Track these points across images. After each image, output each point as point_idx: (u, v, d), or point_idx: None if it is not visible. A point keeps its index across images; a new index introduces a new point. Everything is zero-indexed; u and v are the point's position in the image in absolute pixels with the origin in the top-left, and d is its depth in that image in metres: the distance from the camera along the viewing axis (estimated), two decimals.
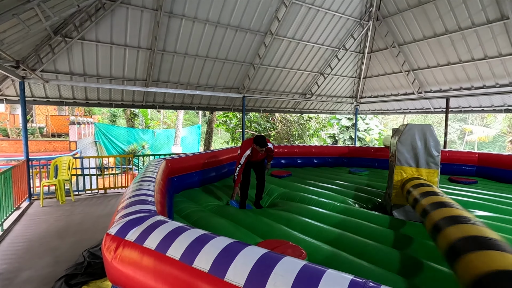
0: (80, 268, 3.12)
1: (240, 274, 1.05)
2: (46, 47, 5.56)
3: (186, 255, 1.20)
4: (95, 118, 19.98)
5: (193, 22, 6.31)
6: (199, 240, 1.27)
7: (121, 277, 1.38)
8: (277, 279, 0.98)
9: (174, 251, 1.24)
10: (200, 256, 1.17)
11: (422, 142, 3.42)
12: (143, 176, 2.90)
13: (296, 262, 1.06)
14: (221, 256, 1.14)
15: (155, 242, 1.32)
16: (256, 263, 1.08)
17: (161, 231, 1.38)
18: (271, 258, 1.09)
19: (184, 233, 1.34)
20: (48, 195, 6.28)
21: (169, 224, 1.45)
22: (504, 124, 21.04)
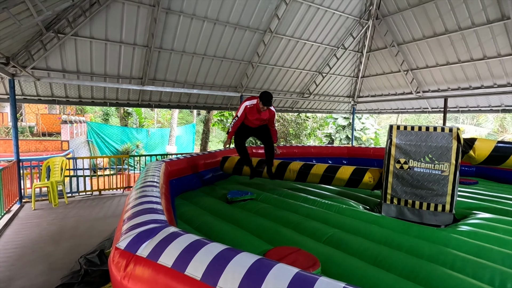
0: (77, 276, 2.96)
1: None
2: (38, 43, 5.33)
3: (208, 273, 1.08)
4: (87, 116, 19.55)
5: (191, 19, 6.14)
6: (221, 256, 1.14)
7: None
8: None
9: (194, 270, 1.11)
10: (224, 275, 1.05)
11: None
12: (145, 180, 2.75)
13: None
14: (248, 275, 1.02)
15: (171, 259, 1.19)
16: (290, 283, 0.96)
17: (177, 246, 1.25)
18: (305, 278, 0.98)
19: (204, 247, 1.21)
20: (40, 197, 6.05)
21: (185, 237, 1.32)
22: (496, 124, 21.39)
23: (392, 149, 3.60)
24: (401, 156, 3.56)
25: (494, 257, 2.39)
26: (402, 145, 3.55)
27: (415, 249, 2.50)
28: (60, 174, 5.84)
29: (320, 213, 3.47)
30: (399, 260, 2.29)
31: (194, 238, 1.31)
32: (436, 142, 3.38)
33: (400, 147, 3.56)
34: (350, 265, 2.24)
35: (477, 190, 4.95)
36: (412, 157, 3.49)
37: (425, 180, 3.41)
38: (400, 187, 3.58)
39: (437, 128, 3.46)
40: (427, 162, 3.42)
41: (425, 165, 3.42)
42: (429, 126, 3.51)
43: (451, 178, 3.30)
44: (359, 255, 2.44)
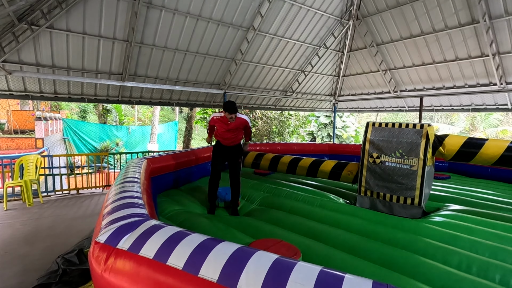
0: (54, 276, 2.86)
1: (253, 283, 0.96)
2: (9, 35, 5.07)
3: (190, 263, 1.09)
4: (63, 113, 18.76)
5: (174, 14, 6.05)
6: (203, 246, 1.16)
7: None
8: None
9: (176, 260, 1.13)
10: (207, 264, 1.07)
11: None
12: (125, 176, 2.71)
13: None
14: (229, 264, 1.04)
15: (153, 251, 1.20)
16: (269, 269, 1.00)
17: (158, 238, 1.26)
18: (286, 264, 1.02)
19: (185, 238, 1.23)
20: (13, 197, 5.77)
21: (166, 229, 1.33)
22: (467, 122, 22.55)
23: (366, 144, 3.74)
24: (374, 151, 3.71)
25: (462, 244, 2.56)
26: (376, 141, 3.69)
27: (391, 239, 2.62)
28: (35, 173, 5.60)
29: (302, 207, 3.55)
30: (376, 249, 2.40)
31: (175, 229, 1.32)
32: (407, 138, 3.54)
33: (374, 143, 3.71)
34: (329, 254, 2.32)
35: (449, 184, 5.24)
36: (384, 152, 3.63)
37: (395, 174, 3.56)
38: (372, 180, 3.72)
39: (408, 125, 3.63)
40: (397, 157, 3.57)
41: (395, 160, 3.58)
42: (402, 123, 3.67)
43: (419, 173, 3.46)
44: (338, 245, 2.53)
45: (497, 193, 4.53)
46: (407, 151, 3.58)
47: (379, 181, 3.71)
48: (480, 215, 3.33)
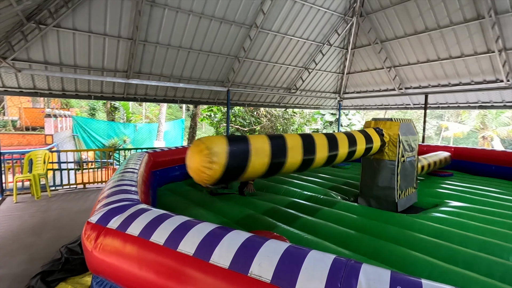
0: (58, 264, 2.99)
1: (225, 256, 1.03)
2: (18, 34, 5.25)
3: (171, 240, 1.17)
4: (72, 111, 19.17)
5: (177, 12, 6.15)
6: (183, 225, 1.24)
7: (103, 266, 1.33)
8: (262, 259, 0.97)
9: (158, 237, 1.21)
10: (185, 240, 1.15)
11: None
12: (125, 168, 2.82)
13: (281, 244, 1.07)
14: (206, 240, 1.12)
15: (138, 229, 1.28)
16: (241, 245, 1.07)
17: (144, 218, 1.34)
18: (254, 241, 1.08)
19: (168, 219, 1.31)
20: (22, 190, 5.99)
21: (152, 211, 1.41)
22: (477, 121, 22.10)
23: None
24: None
25: (453, 239, 2.57)
26: None
27: (381, 233, 2.66)
28: (43, 167, 5.79)
29: (298, 203, 3.60)
30: (365, 242, 2.44)
31: (161, 212, 1.40)
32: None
33: None
34: (319, 246, 2.37)
35: (451, 181, 5.20)
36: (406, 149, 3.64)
37: None
38: None
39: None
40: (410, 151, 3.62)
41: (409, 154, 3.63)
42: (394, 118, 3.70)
43: None
44: (329, 238, 2.58)
45: (498, 190, 4.48)
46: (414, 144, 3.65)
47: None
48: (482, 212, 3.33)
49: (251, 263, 0.98)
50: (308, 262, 0.95)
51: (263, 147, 2.02)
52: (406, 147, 3.59)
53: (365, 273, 0.88)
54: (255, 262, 0.98)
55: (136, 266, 1.20)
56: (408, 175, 3.67)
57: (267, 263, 0.96)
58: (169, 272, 1.12)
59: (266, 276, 0.93)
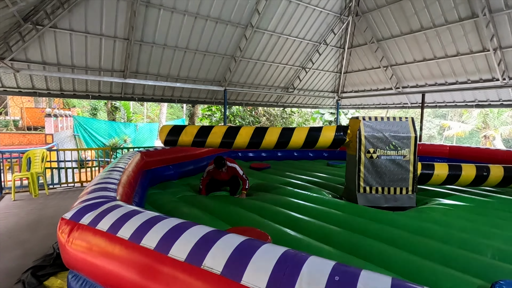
0: (49, 259, 3.07)
1: (183, 250, 1.08)
2: (16, 34, 5.34)
3: (135, 234, 1.23)
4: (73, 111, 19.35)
5: (172, 13, 6.21)
6: (149, 221, 1.29)
7: (76, 260, 1.39)
8: (216, 252, 1.02)
9: (124, 232, 1.26)
10: (148, 235, 1.20)
11: None
12: (114, 166, 2.88)
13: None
14: (167, 235, 1.17)
15: (107, 224, 1.34)
16: (201, 239, 1.12)
17: (114, 214, 1.40)
18: (213, 235, 1.13)
19: (136, 215, 1.36)
20: (21, 188, 6.09)
21: (124, 208, 1.47)
22: (479, 120, 21.95)
23: None
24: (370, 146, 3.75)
25: (434, 236, 2.61)
26: None
27: (362, 229, 2.70)
28: (41, 166, 5.88)
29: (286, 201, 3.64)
30: (344, 237, 2.48)
31: (131, 208, 1.46)
32: None
33: None
34: (299, 241, 2.42)
35: None
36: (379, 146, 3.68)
37: None
38: None
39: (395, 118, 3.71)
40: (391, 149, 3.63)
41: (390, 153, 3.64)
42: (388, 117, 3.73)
43: None
44: (311, 234, 2.62)
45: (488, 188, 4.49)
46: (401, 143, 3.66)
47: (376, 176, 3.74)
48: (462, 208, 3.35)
49: (205, 256, 1.03)
50: (258, 254, 1.00)
51: (192, 131, 3.63)
52: (380, 145, 3.63)
53: (309, 264, 0.92)
54: (209, 255, 1.03)
55: (103, 260, 1.25)
56: (387, 173, 3.66)
57: (220, 255, 1.01)
58: (134, 266, 1.17)
59: (217, 268, 0.98)
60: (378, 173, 3.64)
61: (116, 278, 1.22)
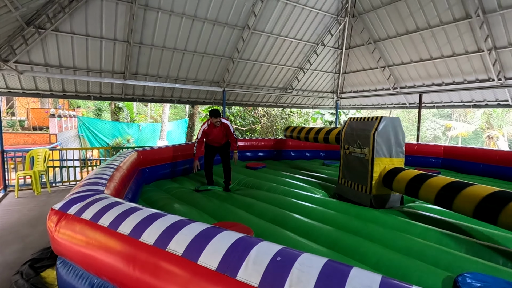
0: (46, 253, 3.22)
1: (153, 235, 1.21)
2: (19, 38, 5.53)
3: (114, 223, 1.36)
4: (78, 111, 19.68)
5: (170, 15, 6.36)
6: (128, 211, 1.42)
7: (62, 247, 1.53)
8: (180, 238, 1.14)
9: (104, 220, 1.39)
10: (125, 223, 1.33)
11: (394, 133, 3.60)
12: (109, 164, 3.03)
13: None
14: (141, 223, 1.30)
15: (90, 214, 1.47)
16: (168, 226, 1.24)
17: (98, 205, 1.53)
18: (181, 224, 1.26)
19: (116, 206, 1.49)
20: (24, 186, 6.29)
21: (107, 200, 1.60)
22: (483, 120, 21.80)
23: None
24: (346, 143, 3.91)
25: (413, 232, 2.70)
26: None
27: (345, 225, 2.80)
28: (43, 165, 6.08)
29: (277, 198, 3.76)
30: (325, 233, 2.59)
31: (114, 200, 1.59)
32: None
33: None
34: (282, 236, 2.54)
35: None
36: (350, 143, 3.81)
37: None
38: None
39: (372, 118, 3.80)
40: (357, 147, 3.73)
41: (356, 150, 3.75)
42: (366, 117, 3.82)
43: None
44: (294, 229, 2.74)
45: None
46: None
47: None
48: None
49: (170, 241, 1.15)
50: (216, 239, 1.12)
51: None
52: (350, 142, 3.80)
53: (257, 248, 1.04)
54: (174, 240, 1.15)
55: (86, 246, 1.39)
56: (351, 170, 3.82)
57: (182, 239, 1.13)
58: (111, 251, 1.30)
59: (179, 250, 1.11)
60: (348, 168, 3.90)
61: (97, 262, 1.35)
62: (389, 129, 3.59)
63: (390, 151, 3.60)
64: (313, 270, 0.89)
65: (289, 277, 0.88)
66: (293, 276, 0.88)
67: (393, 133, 3.61)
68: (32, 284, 2.68)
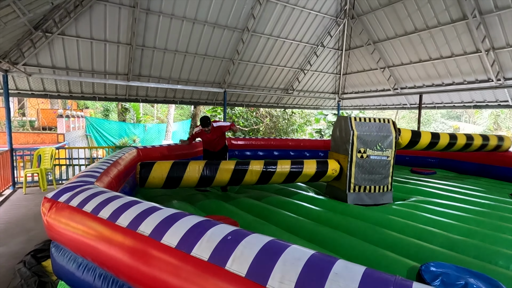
0: (48, 244, 3.43)
1: (126, 218, 1.37)
2: (28, 41, 5.82)
3: (96, 209, 1.52)
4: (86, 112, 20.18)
5: (171, 19, 6.57)
6: (110, 199, 1.58)
7: (53, 231, 1.70)
8: (149, 221, 1.30)
9: (88, 207, 1.56)
10: (104, 209, 1.49)
11: (342, 131, 3.84)
12: (107, 159, 3.21)
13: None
14: (119, 209, 1.46)
15: (77, 202, 1.64)
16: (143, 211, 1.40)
17: (85, 194, 1.70)
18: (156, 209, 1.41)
19: (102, 194, 1.66)
20: (32, 183, 6.57)
21: (95, 189, 1.77)
22: (490, 121, 21.47)
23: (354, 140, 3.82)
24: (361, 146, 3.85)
25: (394, 227, 2.80)
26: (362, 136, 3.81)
27: (328, 220, 2.92)
28: (50, 163, 6.35)
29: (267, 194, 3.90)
30: (307, 227, 2.71)
31: (99, 189, 1.75)
32: (383, 132, 3.78)
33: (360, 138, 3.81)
34: (266, 230, 2.67)
35: (430, 179, 5.32)
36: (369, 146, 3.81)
37: (377, 166, 3.79)
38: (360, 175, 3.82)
39: (380, 120, 3.86)
40: (378, 150, 3.80)
41: (377, 153, 3.80)
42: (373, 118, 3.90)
43: (392, 162, 3.77)
44: (279, 224, 2.87)
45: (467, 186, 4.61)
46: (385, 144, 3.80)
47: (365, 175, 3.83)
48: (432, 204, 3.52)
49: (141, 223, 1.31)
50: (182, 221, 1.27)
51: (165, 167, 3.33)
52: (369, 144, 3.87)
53: (213, 229, 1.19)
54: (144, 223, 1.31)
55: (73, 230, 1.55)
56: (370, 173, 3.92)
57: (150, 222, 1.29)
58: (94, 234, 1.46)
59: (147, 230, 1.26)
60: None
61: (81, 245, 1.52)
62: (336, 128, 4.04)
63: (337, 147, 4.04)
64: (255, 247, 1.03)
65: (233, 253, 1.02)
66: (237, 251, 1.02)
67: (341, 131, 3.96)
68: (33, 272, 2.89)
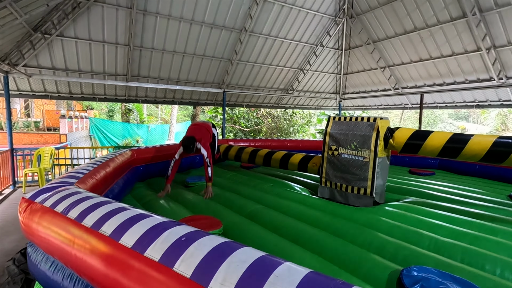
0: None
1: (92, 218, 1.37)
2: (27, 43, 5.91)
3: (66, 209, 1.53)
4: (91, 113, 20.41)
5: (168, 20, 6.61)
6: (81, 200, 1.59)
7: (28, 231, 1.72)
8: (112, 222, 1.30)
9: (60, 207, 1.57)
10: (74, 209, 1.50)
11: None
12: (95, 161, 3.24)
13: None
14: (86, 210, 1.46)
15: (51, 202, 1.65)
16: (110, 212, 1.40)
17: (60, 195, 1.71)
18: (119, 207, 1.42)
19: (74, 195, 1.67)
20: (32, 183, 6.67)
21: (71, 190, 1.78)
22: (497, 121, 21.10)
23: (326, 137, 3.99)
24: (333, 143, 3.94)
25: (381, 228, 2.76)
26: (334, 134, 3.92)
27: (316, 221, 2.89)
28: (49, 162, 6.44)
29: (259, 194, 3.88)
30: (294, 228, 2.68)
31: (75, 190, 1.76)
32: (360, 131, 3.73)
33: (332, 136, 3.94)
34: (251, 230, 2.65)
35: (428, 180, 5.23)
36: (341, 144, 3.85)
37: (350, 165, 3.77)
38: (331, 171, 3.95)
39: (363, 119, 3.82)
40: (352, 149, 3.77)
41: (350, 152, 3.78)
42: (357, 117, 3.88)
43: (371, 164, 3.64)
44: (266, 224, 2.85)
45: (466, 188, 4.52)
46: (360, 143, 3.77)
47: (337, 172, 3.94)
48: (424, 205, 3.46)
49: (104, 224, 1.31)
50: (144, 222, 1.27)
51: None
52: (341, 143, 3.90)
53: (171, 230, 1.18)
54: (107, 223, 1.31)
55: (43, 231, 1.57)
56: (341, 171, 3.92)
57: (113, 223, 1.29)
58: (60, 235, 1.47)
59: (108, 230, 1.26)
60: None
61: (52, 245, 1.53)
62: None
63: None
64: (205, 248, 1.02)
65: (183, 254, 1.02)
66: (188, 253, 1.02)
67: None
68: (21, 270, 2.93)
